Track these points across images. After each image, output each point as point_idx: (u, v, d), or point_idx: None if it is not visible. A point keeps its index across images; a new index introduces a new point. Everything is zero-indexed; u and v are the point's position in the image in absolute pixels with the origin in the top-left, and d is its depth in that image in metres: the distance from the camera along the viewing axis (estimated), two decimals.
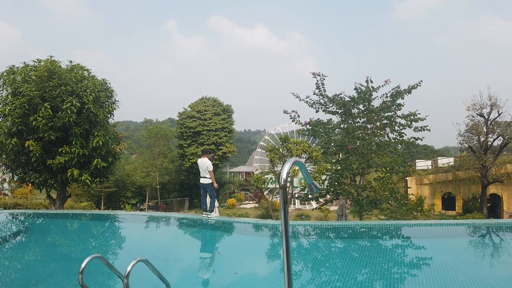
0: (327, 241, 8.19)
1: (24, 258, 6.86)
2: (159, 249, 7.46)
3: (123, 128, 73.43)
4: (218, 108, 45.21)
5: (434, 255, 6.41)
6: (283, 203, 2.15)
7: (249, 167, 54.46)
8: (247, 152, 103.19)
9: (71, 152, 13.69)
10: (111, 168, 16.08)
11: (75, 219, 11.15)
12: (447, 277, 4.99)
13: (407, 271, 5.48)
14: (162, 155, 43.42)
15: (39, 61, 14.82)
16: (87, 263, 2.88)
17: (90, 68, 15.54)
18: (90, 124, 14.42)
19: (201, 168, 9.72)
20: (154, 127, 44.33)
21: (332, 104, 13.38)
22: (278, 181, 16.35)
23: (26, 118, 13.44)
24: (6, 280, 5.47)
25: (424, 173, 33.66)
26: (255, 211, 33.65)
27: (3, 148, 13.77)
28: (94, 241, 8.75)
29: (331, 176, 13.43)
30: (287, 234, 2.11)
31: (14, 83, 13.82)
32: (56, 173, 14.08)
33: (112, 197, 39.90)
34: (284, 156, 14.97)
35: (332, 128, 13.73)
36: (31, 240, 8.41)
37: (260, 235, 8.60)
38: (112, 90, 15.82)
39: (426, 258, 6.23)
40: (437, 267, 5.55)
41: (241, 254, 6.66)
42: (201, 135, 43.59)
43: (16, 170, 14.84)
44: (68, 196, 16.17)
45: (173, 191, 46.44)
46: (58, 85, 13.72)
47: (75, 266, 5.90)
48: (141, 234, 9.46)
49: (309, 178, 2.50)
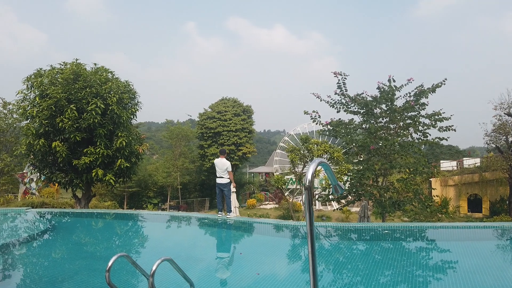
0: (349, 243, 8.08)
1: (51, 256, 7.06)
2: (182, 248, 7.55)
3: (145, 128, 74.63)
4: (238, 109, 45.39)
5: (460, 259, 6.24)
6: (308, 204, 2.14)
7: (269, 168, 54.43)
8: (266, 153, 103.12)
9: (95, 152, 14.02)
10: (134, 168, 16.38)
11: (99, 218, 11.40)
12: (474, 281, 4.84)
13: (432, 275, 5.35)
14: (183, 156, 43.92)
15: (65, 64, 15.25)
16: (114, 262, 2.94)
17: (114, 70, 15.90)
18: (114, 125, 14.74)
19: (219, 168, 9.76)
20: (175, 128, 44.90)
21: (354, 104, 13.20)
22: (300, 182, 16.39)
23: (53, 119, 13.84)
24: (34, 277, 5.65)
25: (449, 174, 32.82)
26: (275, 211, 33.59)
27: (31, 148, 14.23)
28: (118, 239, 8.92)
29: (353, 177, 13.26)
30: (312, 235, 2.09)
31: (41, 86, 14.26)
32: (81, 173, 14.45)
33: (134, 196, 40.63)
34: (305, 157, 14.87)
35: (354, 128, 13.55)
36: (57, 238, 8.65)
37: (281, 236, 8.57)
38: (135, 92, 16.13)
39: (451, 262, 6.06)
40: (463, 271, 5.39)
41: (262, 255, 6.65)
42: (221, 136, 43.86)
43: (43, 170, 15.31)
44: (92, 196, 16.57)
45: (194, 191, 46.91)
46: (83, 87, 14.08)
47: (100, 264, 6.04)
48: (163, 233, 9.59)
49: (334, 179, 2.47)
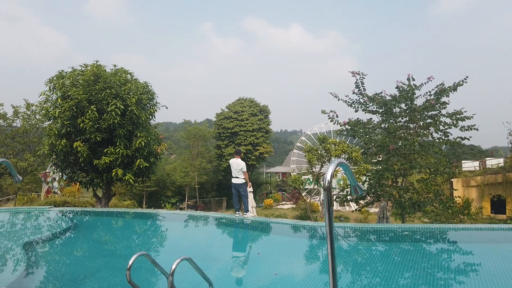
0: (368, 244, 7.97)
1: (73, 254, 7.21)
2: (200, 248, 7.59)
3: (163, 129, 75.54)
4: (255, 109, 45.44)
5: (483, 261, 6.07)
6: (328, 205, 2.12)
7: (285, 168, 54.29)
8: (283, 153, 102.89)
9: (115, 152, 14.27)
10: (153, 168, 16.59)
11: (119, 217, 11.59)
12: (498, 285, 4.70)
13: (454, 277, 5.23)
14: (201, 156, 44.26)
15: (85, 66, 15.57)
16: (134, 260, 2.98)
17: (133, 72, 16.15)
18: (133, 125, 14.97)
19: (234, 169, 9.80)
20: (193, 128, 45.29)
21: (373, 103, 13.02)
22: (317, 182, 16.29)
23: (74, 120, 14.16)
24: (56, 274, 5.78)
25: (471, 174, 32.01)
26: (292, 211, 33.47)
27: (54, 148, 14.59)
28: (137, 238, 9.05)
29: (372, 177, 13.08)
30: (331, 236, 2.08)
31: (63, 87, 14.60)
32: (101, 172, 14.73)
33: (153, 196, 41.17)
34: (323, 157, 14.75)
35: (372, 128, 13.36)
36: (79, 237, 8.84)
37: (299, 237, 8.53)
38: (154, 93, 16.35)
39: (474, 264, 5.91)
40: (486, 274, 5.25)
41: (280, 255, 6.63)
42: (238, 136, 44.00)
43: (65, 170, 15.67)
44: (112, 195, 16.87)
45: (211, 191, 47.21)
46: (104, 89, 14.35)
47: (120, 263, 6.13)
48: (181, 232, 9.67)
49: (353, 180, 2.45)
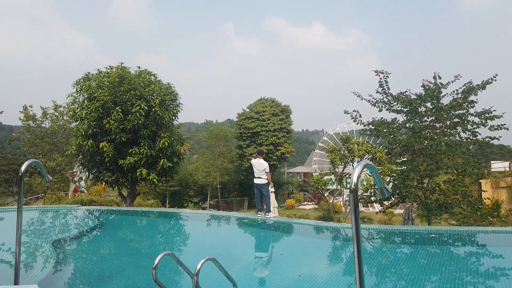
0: (392, 246, 7.82)
1: (99, 252, 7.38)
2: (222, 247, 7.64)
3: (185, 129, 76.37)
4: (276, 109, 45.36)
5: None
6: (354, 207, 2.08)
7: (307, 168, 53.96)
8: (305, 153, 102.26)
9: (140, 152, 14.53)
10: (176, 168, 16.81)
11: (143, 216, 11.79)
12: None
13: (483, 282, 5.06)
14: (222, 156, 44.53)
15: (111, 68, 15.93)
16: (160, 260, 3.02)
17: (156, 73, 16.41)
18: (157, 126, 15.21)
19: (257, 169, 9.80)
20: (215, 128, 45.61)
21: (397, 102, 12.78)
22: (340, 183, 16.08)
23: (100, 121, 14.50)
24: (84, 272, 5.92)
25: (500, 175, 30.87)
26: (314, 212, 33.23)
27: (81, 149, 14.99)
28: (161, 237, 9.18)
29: (396, 178, 12.84)
30: (358, 239, 2.04)
31: (89, 89, 14.98)
32: (126, 172, 15.03)
33: (176, 195, 41.72)
34: (346, 157, 14.56)
35: (397, 127, 13.11)
36: (105, 235, 9.05)
37: (322, 238, 8.45)
38: (177, 94, 16.55)
39: (505, 269, 5.69)
40: None
41: (303, 256, 6.59)
42: (259, 136, 44.03)
43: (91, 169, 16.07)
44: (137, 194, 17.19)
45: (233, 191, 47.44)
46: (128, 90, 14.65)
47: (145, 261, 6.24)
48: (204, 232, 9.76)
49: (380, 182, 2.40)
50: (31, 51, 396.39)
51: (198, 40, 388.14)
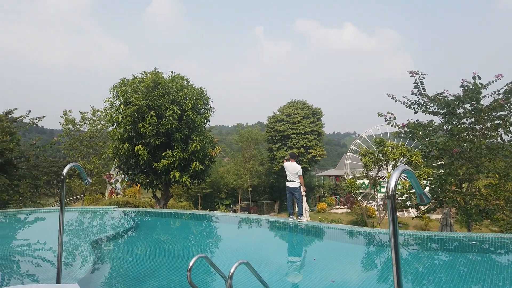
0: (430, 253, 7.54)
1: (134, 253, 7.57)
2: (254, 251, 7.64)
3: (216, 132, 77.27)
4: (307, 111, 45.04)
5: None
6: (392, 213, 2.03)
7: (339, 171, 53.13)
8: (336, 155, 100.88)
9: (173, 156, 14.85)
10: (208, 170, 17.04)
11: (177, 218, 12.00)
12: None
13: None
14: (253, 158, 44.68)
15: (145, 73, 16.40)
16: (194, 262, 3.06)
17: (189, 78, 16.74)
18: (189, 129, 15.49)
19: (290, 172, 9.74)
20: (245, 131, 45.86)
21: (433, 104, 12.35)
22: (374, 187, 15.71)
23: (135, 125, 14.94)
24: (120, 271, 6.10)
25: None
26: (347, 216, 32.64)
27: (117, 152, 15.49)
28: (193, 239, 9.31)
29: (433, 182, 12.39)
30: (397, 246, 1.99)
31: (125, 94, 15.48)
32: (160, 175, 15.39)
33: (207, 197, 42.24)
34: (380, 161, 14.20)
35: (433, 130, 12.67)
36: (140, 236, 9.28)
37: (356, 243, 8.27)
38: (208, 97, 16.79)
39: None
40: None
41: (337, 262, 6.47)
42: (290, 139, 43.86)
43: (127, 172, 16.57)
44: (170, 196, 17.55)
45: (264, 194, 47.46)
46: (162, 95, 15.01)
47: (178, 263, 6.34)
48: (235, 235, 9.80)
49: (419, 188, 2.33)
50: (70, 58, 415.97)
51: (229, 44, 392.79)
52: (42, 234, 8.86)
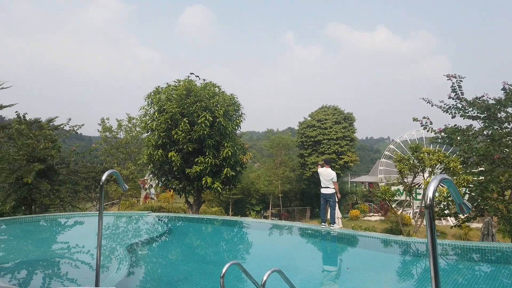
0: (470, 264, 7.21)
1: (168, 257, 7.72)
2: (286, 258, 7.58)
3: (247, 138, 77.58)
4: (339, 117, 44.44)
5: None
6: (430, 223, 1.97)
7: (372, 177, 51.92)
8: (369, 161, 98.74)
9: (205, 162, 15.07)
10: (239, 176, 17.16)
11: (209, 223, 12.13)
12: None
13: None
14: (284, 164, 44.50)
15: (178, 81, 16.80)
16: (227, 269, 3.08)
17: (220, 85, 16.98)
18: (221, 136, 15.68)
19: (324, 178, 9.62)
20: (276, 137, 45.82)
21: (472, 108, 11.85)
22: (409, 194, 15.25)
23: (169, 132, 15.31)
24: (154, 276, 6.23)
25: None
26: (381, 224, 31.77)
27: (151, 158, 15.91)
28: (225, 245, 9.37)
29: (473, 190, 11.85)
30: (435, 257, 1.92)
31: (159, 102, 15.92)
32: (192, 180, 15.65)
33: (238, 203, 42.44)
34: (415, 167, 13.77)
35: (473, 135, 12.14)
36: (173, 241, 9.45)
37: (391, 252, 8.04)
38: (239, 104, 16.96)
39: None
40: None
41: (371, 271, 6.30)
42: (321, 144, 43.38)
43: (161, 178, 16.97)
44: (202, 202, 17.80)
45: (295, 200, 47.10)
46: (194, 102, 15.31)
47: (210, 269, 6.39)
48: (267, 241, 9.77)
49: (458, 197, 2.24)
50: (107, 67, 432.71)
51: (260, 50, 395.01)
52: (81, 237, 9.21)
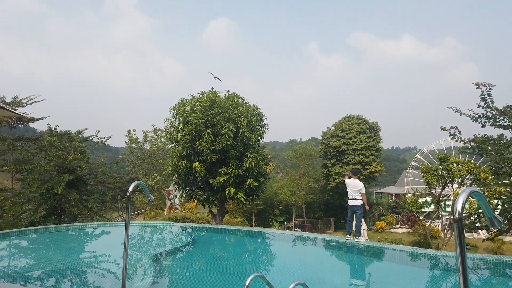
0: (504, 279, 6.89)
1: (191, 267, 7.76)
2: (310, 271, 7.47)
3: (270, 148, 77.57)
4: (364, 126, 43.83)
5: None
6: (459, 238, 1.92)
7: (399, 188, 50.70)
8: (395, 171, 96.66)
9: (228, 172, 15.16)
10: (262, 187, 17.14)
11: (232, 234, 12.14)
12: None
13: None
14: (307, 175, 44.13)
15: (203, 93, 17.07)
16: (251, 281, 3.07)
17: (244, 96, 17.14)
18: (244, 146, 15.76)
19: (352, 190, 9.46)
20: (299, 147, 45.60)
21: (504, 117, 11.45)
22: (438, 205, 14.78)
23: (193, 143, 15.52)
24: (178, 286, 6.26)
25: None
26: (408, 236, 30.88)
27: (176, 169, 16.14)
28: (248, 256, 9.34)
29: (506, 201, 11.37)
30: (465, 273, 1.87)
31: (184, 113, 16.20)
32: (216, 191, 15.75)
33: (261, 214, 42.28)
34: (444, 178, 13.36)
35: (504, 144, 11.71)
36: (197, 251, 9.49)
37: (419, 266, 7.79)
38: (262, 115, 17.03)
39: None
40: None
41: (399, 286, 6.12)
42: (345, 154, 42.82)
43: (185, 188, 17.17)
44: (226, 212, 17.86)
45: (318, 211, 46.51)
46: (218, 113, 15.50)
47: (234, 280, 6.37)
48: (290, 253, 9.67)
49: (489, 211, 2.18)
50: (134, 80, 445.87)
51: (283, 60, 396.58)
52: (108, 247, 9.40)
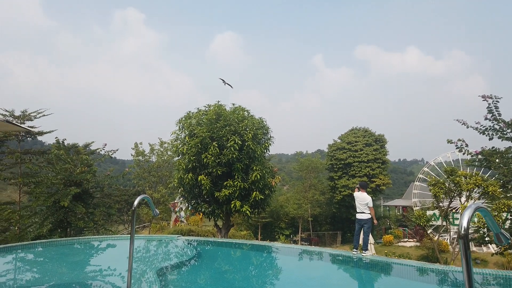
0: None
1: (197, 282, 7.69)
2: (317, 286, 7.38)
3: (276, 160, 77.43)
4: (370, 138, 43.71)
5: None
6: (465, 254, 1.90)
7: (406, 201, 50.18)
8: (403, 184, 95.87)
9: (234, 185, 15.14)
10: (268, 200, 17.07)
11: (237, 248, 12.06)
12: None
13: None
14: (313, 187, 43.91)
15: (209, 106, 17.19)
16: None
17: (249, 109, 17.23)
18: (249, 159, 15.77)
19: (359, 203, 9.39)
20: (305, 159, 45.49)
21: (511, 129, 11.39)
22: (445, 219, 14.60)
23: (199, 156, 15.56)
24: None
25: None
26: (416, 250, 30.45)
27: (182, 181, 16.16)
28: (253, 270, 9.25)
29: None
30: None
31: (190, 126, 16.29)
32: (222, 204, 15.72)
33: (267, 227, 41.99)
34: (451, 191, 13.23)
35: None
36: (202, 265, 9.42)
37: (427, 282, 7.66)
38: (268, 127, 17.08)
39: None
40: None
41: None
42: (352, 167, 42.62)
43: (191, 201, 17.16)
44: (231, 226, 17.77)
45: (325, 224, 46.11)
46: (224, 126, 15.57)
47: None
48: (296, 267, 9.57)
49: (495, 227, 2.16)
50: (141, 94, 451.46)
51: (288, 73, 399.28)
52: (113, 260, 9.38)
